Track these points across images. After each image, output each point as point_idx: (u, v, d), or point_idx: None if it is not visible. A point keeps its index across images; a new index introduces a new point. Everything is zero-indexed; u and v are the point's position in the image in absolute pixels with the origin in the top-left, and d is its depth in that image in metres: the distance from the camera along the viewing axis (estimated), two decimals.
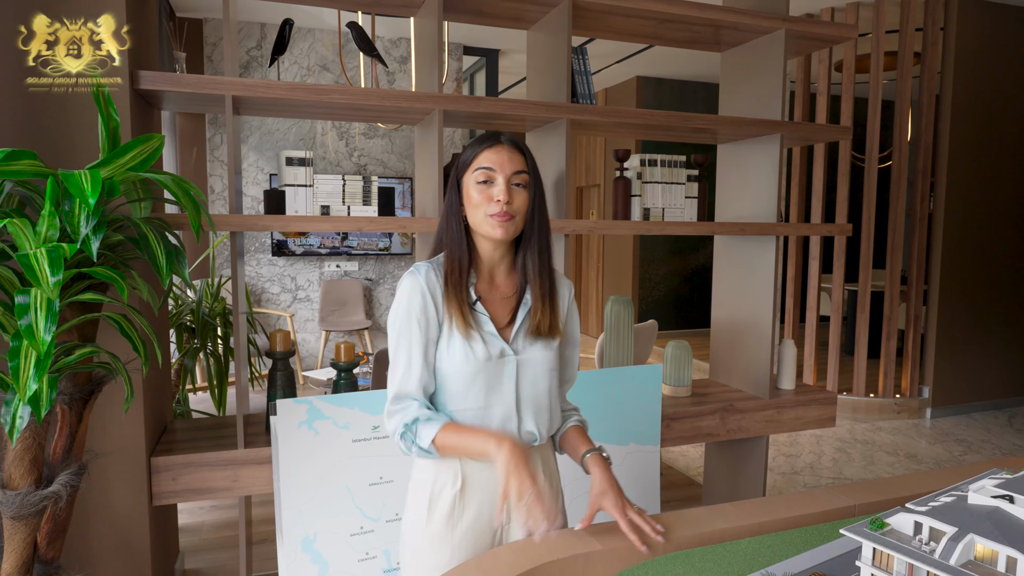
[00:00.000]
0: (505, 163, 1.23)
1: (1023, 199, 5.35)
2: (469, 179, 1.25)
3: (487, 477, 1.27)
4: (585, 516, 1.26)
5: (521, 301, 1.31)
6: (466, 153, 1.28)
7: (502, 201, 1.21)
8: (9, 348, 1.23)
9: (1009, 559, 0.66)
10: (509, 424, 1.28)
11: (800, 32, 2.51)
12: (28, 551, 1.44)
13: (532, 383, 1.29)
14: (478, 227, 1.25)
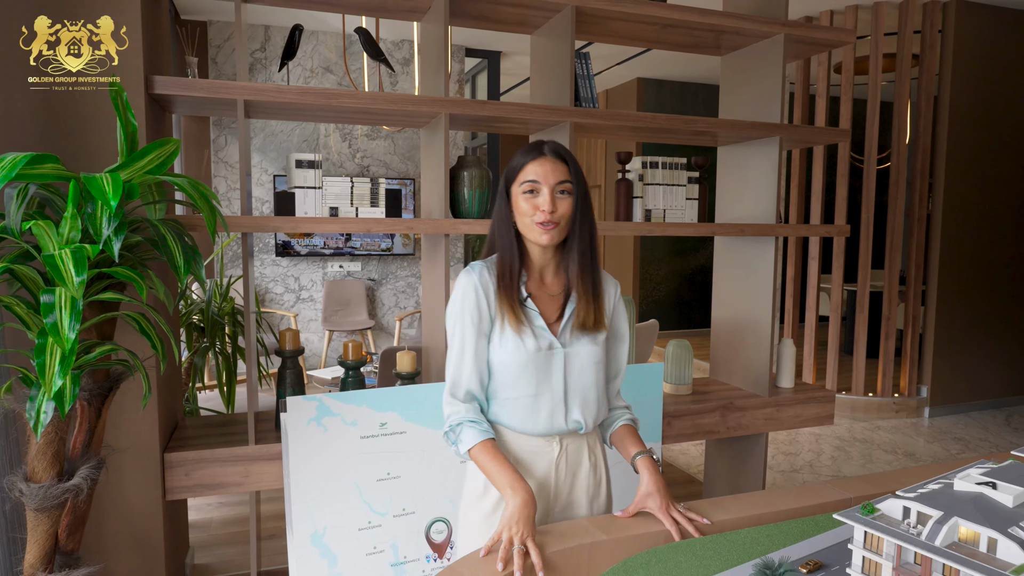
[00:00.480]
0: (548, 174, 1.32)
1: (1021, 201, 5.39)
2: (516, 190, 1.35)
3: (539, 463, 1.38)
4: (628, 509, 1.35)
5: (568, 299, 1.40)
6: (513, 164, 1.36)
7: (547, 211, 1.30)
8: (35, 345, 1.28)
9: (990, 540, 0.70)
10: (557, 412, 1.37)
11: (799, 37, 2.56)
12: (50, 542, 1.48)
13: (579, 374, 1.38)
14: (526, 233, 1.35)
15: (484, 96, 6.68)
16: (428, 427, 2.11)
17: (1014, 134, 5.29)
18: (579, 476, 1.42)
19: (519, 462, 1.38)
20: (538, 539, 1.23)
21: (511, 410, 1.37)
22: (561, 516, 1.42)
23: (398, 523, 2.12)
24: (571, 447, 1.41)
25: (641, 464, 1.38)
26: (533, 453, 1.39)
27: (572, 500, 1.43)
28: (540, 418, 1.37)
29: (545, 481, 1.39)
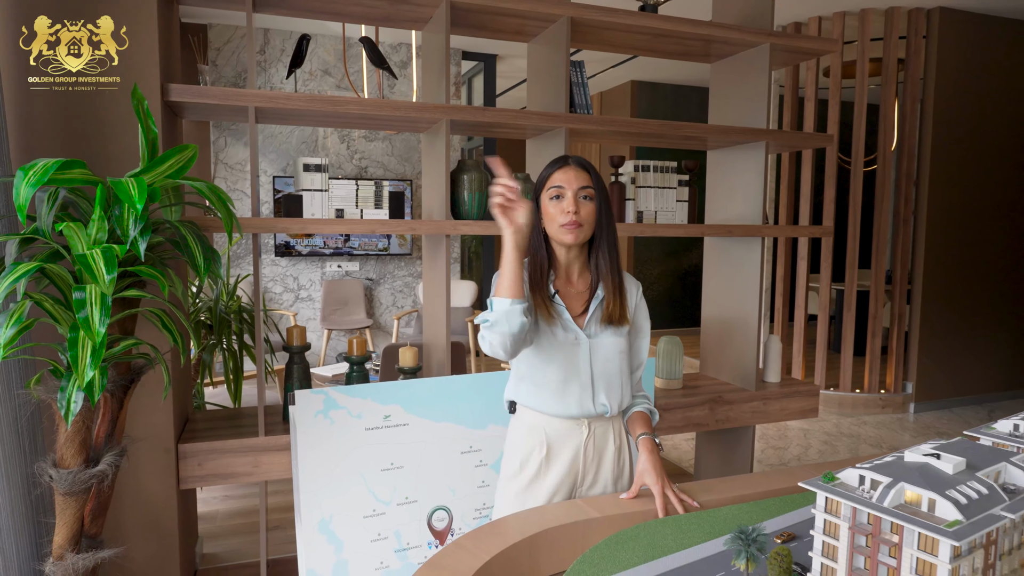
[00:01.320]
0: (572, 180, 1.48)
1: (1004, 202, 5.53)
2: (544, 196, 1.51)
3: (569, 444, 1.51)
4: (631, 489, 1.47)
5: (594, 295, 1.53)
6: (542, 175, 1.53)
7: (571, 212, 1.44)
8: (68, 339, 1.37)
9: (930, 500, 0.81)
10: (585, 397, 1.51)
11: (784, 46, 2.67)
12: (77, 525, 1.57)
13: (604, 363, 1.51)
14: (554, 236, 1.50)
15: (480, 97, 6.78)
16: (430, 419, 2.21)
17: (996, 137, 5.43)
18: (605, 458, 1.55)
19: (550, 444, 1.52)
20: (538, 518, 1.34)
21: (543, 394, 1.51)
22: (587, 494, 1.55)
23: (401, 511, 2.22)
24: (598, 430, 1.54)
25: (642, 444, 1.51)
26: (563, 435, 1.52)
27: (598, 479, 1.55)
28: (570, 402, 1.50)
29: (574, 461, 1.52)
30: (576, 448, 1.52)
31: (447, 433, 2.23)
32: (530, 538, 1.27)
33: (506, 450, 1.62)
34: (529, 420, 1.55)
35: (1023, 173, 5.56)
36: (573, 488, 1.54)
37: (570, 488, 1.54)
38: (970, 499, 0.82)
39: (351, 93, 5.91)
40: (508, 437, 1.63)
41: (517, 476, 1.54)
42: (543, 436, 1.52)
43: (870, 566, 0.84)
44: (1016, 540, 0.87)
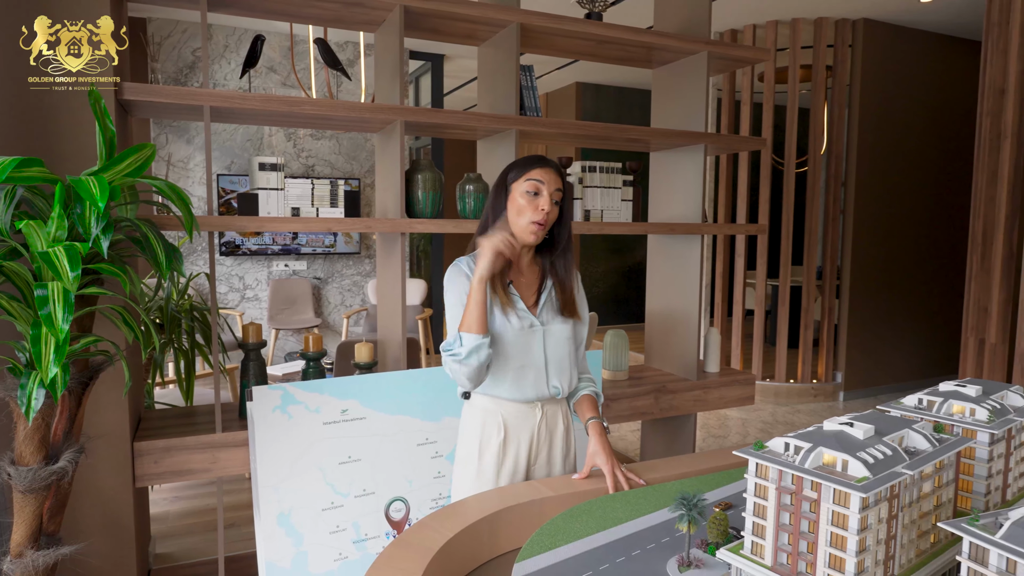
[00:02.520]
0: (551, 181, 1.56)
1: (923, 202, 5.91)
2: (519, 187, 1.56)
3: (525, 426, 1.61)
4: (583, 470, 1.58)
5: (542, 286, 1.64)
6: (518, 167, 1.60)
7: (544, 210, 1.52)
8: (30, 336, 1.38)
9: (843, 461, 0.93)
10: (540, 381, 1.60)
11: (720, 54, 2.83)
12: (36, 523, 1.58)
13: (555, 348, 1.61)
14: (520, 231, 1.57)
15: (427, 96, 6.81)
16: (386, 413, 2.27)
17: (917, 140, 5.80)
18: (556, 438, 1.66)
19: (507, 427, 1.60)
20: (497, 498, 1.43)
21: (502, 381, 1.58)
22: (540, 473, 1.65)
23: (359, 503, 2.27)
24: (549, 412, 1.65)
25: (591, 428, 1.61)
26: (519, 418, 1.61)
27: (550, 458, 1.66)
28: (526, 386, 1.59)
29: (529, 443, 1.62)
30: (531, 430, 1.62)
31: (404, 426, 2.29)
32: (490, 516, 1.36)
33: (461, 436, 1.69)
34: (485, 406, 1.63)
35: (941, 175, 5.95)
36: (528, 467, 1.63)
37: (525, 468, 1.63)
38: (876, 459, 0.95)
39: (298, 90, 5.86)
40: (463, 424, 1.69)
41: (476, 460, 1.62)
42: (500, 420, 1.61)
43: (794, 521, 0.96)
44: (916, 494, 1.01)
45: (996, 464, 1.18)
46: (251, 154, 5.81)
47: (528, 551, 1.15)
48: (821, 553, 0.93)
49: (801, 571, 0.96)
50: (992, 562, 0.77)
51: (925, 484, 1.03)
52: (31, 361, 1.51)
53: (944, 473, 1.07)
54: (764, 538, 0.99)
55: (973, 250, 3.96)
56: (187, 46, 5.54)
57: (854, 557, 0.89)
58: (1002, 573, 0.75)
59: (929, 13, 5.28)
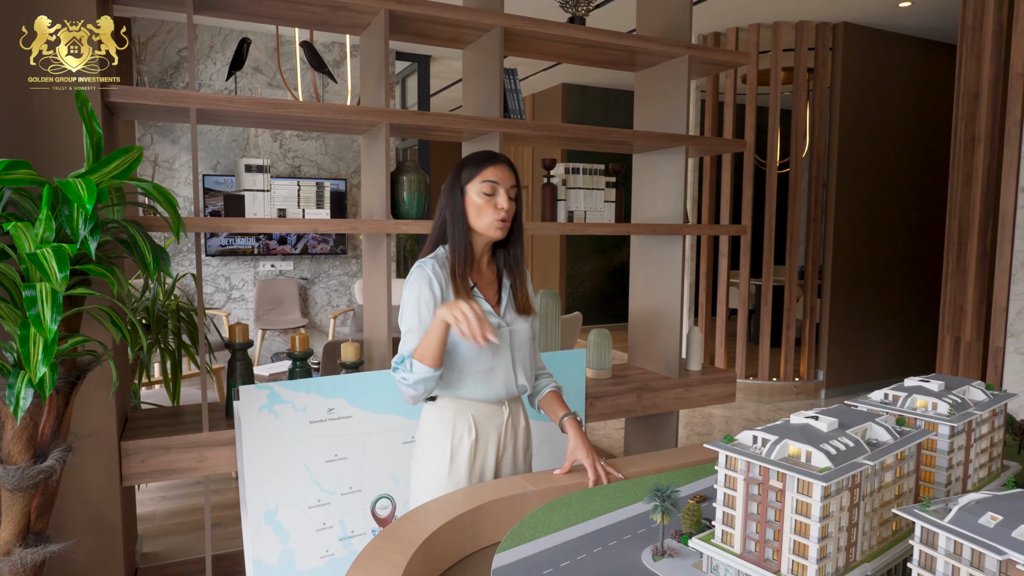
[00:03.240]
0: (506, 178, 1.56)
1: (903, 202, 6.01)
2: (475, 187, 1.55)
3: (493, 425, 1.62)
4: (564, 465, 1.60)
5: (501, 285, 1.64)
6: (473, 166, 1.57)
7: (505, 208, 1.53)
8: (19, 336, 1.40)
9: (807, 452, 0.98)
10: (509, 380, 1.62)
11: (701, 58, 2.88)
12: (24, 521, 1.59)
13: (520, 347, 1.63)
14: (483, 230, 1.56)
15: (414, 96, 6.83)
16: (372, 411, 2.30)
17: (896, 141, 5.90)
18: (519, 434, 1.69)
19: (478, 429, 1.61)
20: (479, 493, 1.46)
21: (473, 383, 1.59)
22: (506, 471, 1.67)
23: (345, 500, 2.30)
24: (514, 410, 1.68)
25: (568, 425, 1.64)
26: (488, 417, 1.62)
27: (515, 455, 1.68)
28: (497, 386, 1.61)
29: (497, 441, 1.64)
30: (499, 429, 1.63)
31: (390, 424, 2.32)
32: (472, 510, 1.40)
33: (427, 438, 1.64)
34: (454, 407, 1.61)
35: (920, 176, 6.05)
36: (496, 465, 1.64)
37: (494, 466, 1.64)
38: (839, 450, 0.99)
39: (283, 90, 5.87)
40: (429, 426, 1.65)
41: (448, 462, 1.59)
42: (470, 420, 1.60)
43: (761, 510, 1.01)
44: (877, 484, 1.05)
45: (956, 456, 1.24)
46: (237, 155, 5.81)
47: (508, 542, 1.19)
48: (786, 540, 0.97)
49: (768, 558, 1.00)
50: (941, 545, 0.81)
51: (886, 474, 1.08)
52: (19, 361, 1.53)
53: (905, 464, 1.12)
54: (733, 527, 1.04)
55: (949, 250, 4.05)
56: (172, 46, 5.53)
57: (817, 543, 0.94)
58: (950, 555, 0.80)
59: (908, 17, 5.37)
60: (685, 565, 1.11)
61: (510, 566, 1.10)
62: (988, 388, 1.40)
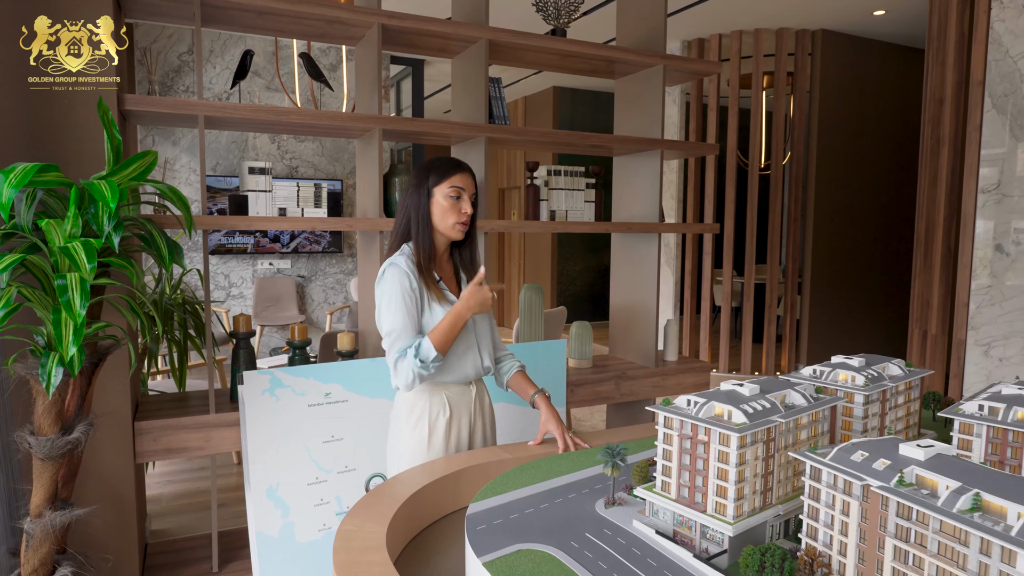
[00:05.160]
0: (469, 185, 1.76)
1: (879, 203, 6.22)
2: (441, 190, 1.73)
3: (464, 403, 1.81)
4: (537, 436, 1.81)
5: (459, 277, 1.85)
6: (440, 172, 1.74)
7: (468, 213, 1.72)
8: (52, 320, 1.59)
9: (729, 412, 1.17)
10: (476, 361, 1.81)
11: (676, 67, 3.07)
12: (53, 488, 1.77)
13: (482, 331, 1.84)
14: (445, 230, 1.75)
15: (408, 99, 7.01)
16: (366, 396, 2.48)
17: (872, 142, 6.11)
18: (486, 410, 1.88)
19: (452, 407, 1.77)
20: (461, 459, 1.65)
21: (447, 367, 1.76)
22: (476, 442, 1.85)
23: (341, 478, 2.48)
24: (479, 388, 1.87)
25: (539, 401, 1.83)
26: (460, 396, 1.80)
27: (484, 428, 1.87)
28: (468, 368, 1.80)
29: (468, 418, 1.81)
30: (469, 407, 1.81)
31: (382, 408, 2.50)
32: (454, 473, 1.58)
33: (408, 420, 1.78)
34: (430, 390, 1.77)
35: (894, 177, 6.27)
36: (469, 441, 1.82)
37: (467, 442, 1.81)
38: (756, 410, 1.18)
39: (281, 93, 6.04)
40: (405, 410, 1.79)
41: (426, 442, 1.75)
42: (444, 401, 1.77)
43: (691, 461, 1.20)
44: (792, 440, 1.24)
45: (872, 421, 1.43)
46: (236, 156, 5.99)
47: (482, 495, 1.37)
48: (711, 484, 1.16)
49: (697, 501, 1.19)
50: (823, 479, 1.00)
51: (801, 432, 1.27)
52: (49, 343, 1.71)
53: (819, 425, 1.31)
54: (670, 476, 1.23)
55: (917, 248, 4.25)
56: (173, 51, 5.70)
57: (734, 486, 1.13)
58: (830, 486, 0.99)
59: (882, 25, 5.58)
60: (631, 512, 1.30)
61: (483, 512, 1.29)
62: (908, 366, 1.59)
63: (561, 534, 1.21)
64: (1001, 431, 1.19)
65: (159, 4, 2.25)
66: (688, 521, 1.18)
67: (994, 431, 1.20)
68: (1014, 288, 3.57)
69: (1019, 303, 3.56)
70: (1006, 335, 3.59)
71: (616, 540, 1.19)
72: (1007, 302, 3.59)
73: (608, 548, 1.16)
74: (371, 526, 1.30)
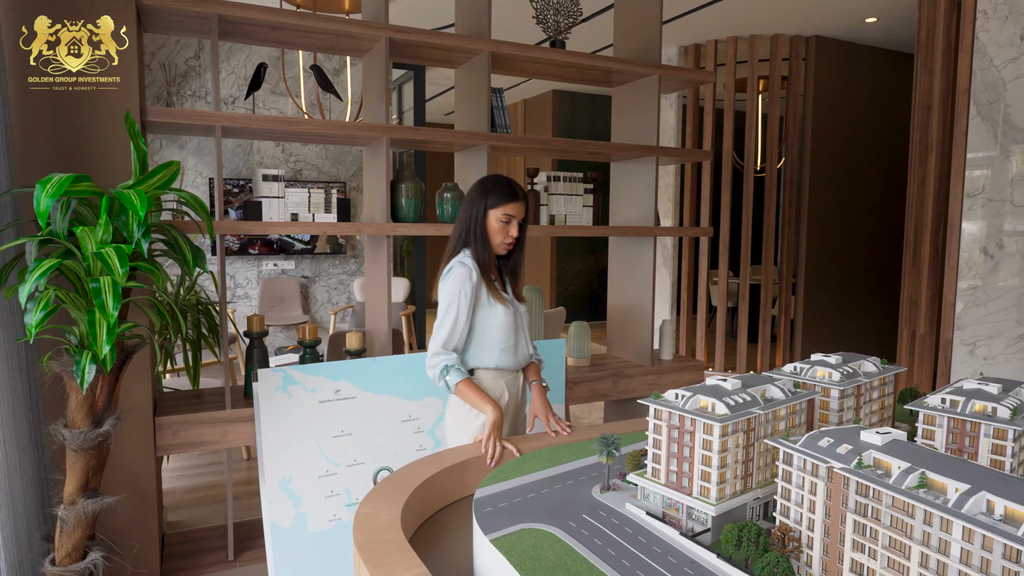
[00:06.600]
0: (519, 212, 2.00)
1: (869, 205, 6.34)
2: (496, 214, 1.98)
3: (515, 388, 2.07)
4: (529, 422, 2.07)
5: (504, 281, 2.08)
6: (498, 197, 1.98)
7: (514, 236, 1.99)
8: (87, 320, 1.70)
9: (712, 404, 1.29)
10: (523, 351, 2.08)
11: (670, 76, 3.19)
12: (84, 477, 1.89)
13: (524, 325, 2.09)
14: (494, 247, 2.02)
15: (411, 102, 7.13)
16: (374, 393, 2.60)
17: (865, 146, 6.23)
18: (524, 395, 2.12)
19: (509, 391, 2.03)
20: (468, 450, 1.77)
21: (502, 355, 2.01)
22: (519, 421, 2.10)
23: (351, 471, 2.60)
24: (521, 375, 2.11)
25: (534, 388, 2.08)
26: (512, 382, 2.06)
27: (521, 412, 2.12)
28: (520, 356, 2.07)
29: (515, 399, 2.06)
30: (516, 390, 2.07)
31: (389, 405, 2.62)
32: (461, 463, 1.71)
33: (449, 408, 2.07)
34: (491, 376, 2.02)
35: (885, 180, 6.39)
36: (513, 420, 2.07)
37: (512, 419, 2.06)
38: (737, 403, 1.30)
39: (286, 97, 6.16)
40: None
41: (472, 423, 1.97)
42: (504, 386, 2.03)
43: (679, 449, 1.32)
44: (770, 429, 1.36)
45: (846, 414, 1.55)
46: (241, 159, 6.11)
47: (488, 481, 1.49)
48: (696, 469, 1.28)
49: (684, 485, 1.31)
50: (795, 462, 1.13)
51: (780, 423, 1.39)
52: (81, 342, 1.83)
53: (796, 416, 1.43)
54: (660, 463, 1.35)
55: (906, 250, 4.37)
56: (180, 56, 5.82)
57: (716, 471, 1.25)
58: (800, 469, 1.11)
59: (874, 32, 5.71)
60: (625, 496, 1.42)
61: (489, 496, 1.41)
62: (883, 363, 1.72)
63: (560, 516, 1.33)
64: (960, 422, 1.32)
65: (179, 20, 2.37)
66: (676, 503, 1.30)
67: (954, 422, 1.32)
68: (998, 289, 3.70)
69: (1003, 304, 3.68)
70: (990, 335, 3.72)
71: (610, 520, 1.31)
72: (992, 303, 3.72)
73: (603, 527, 1.28)
74: (387, 509, 1.42)
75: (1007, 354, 3.65)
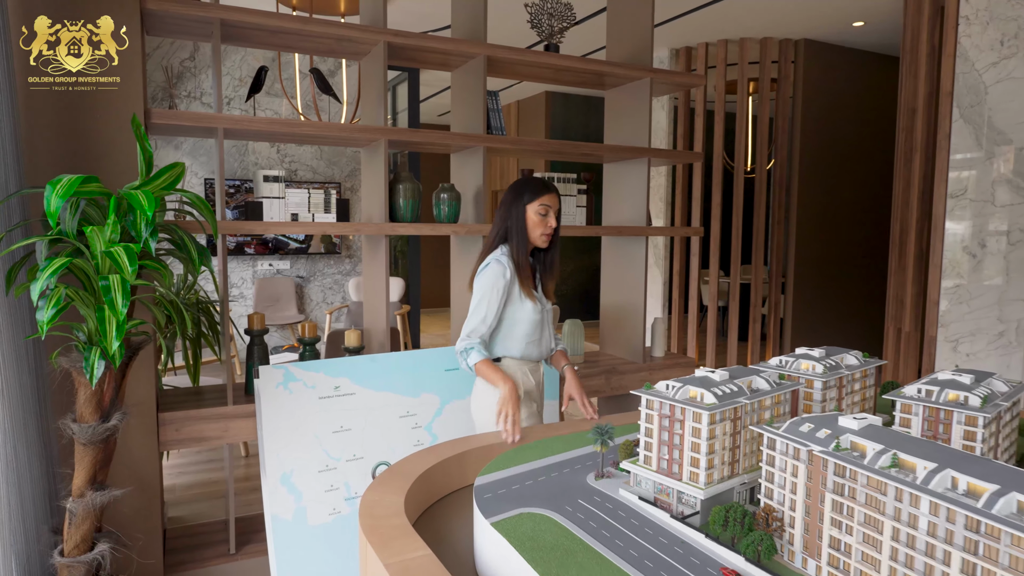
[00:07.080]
0: (555, 203, 2.15)
1: (858, 205, 6.45)
2: (533, 207, 2.11)
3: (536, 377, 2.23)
4: (563, 400, 2.22)
5: (536, 280, 2.19)
6: (533, 191, 2.12)
7: (554, 226, 2.07)
8: (96, 316, 1.76)
9: (701, 394, 1.36)
10: (546, 344, 2.24)
11: (661, 80, 3.27)
12: (92, 470, 1.95)
13: (549, 322, 2.20)
14: (534, 239, 2.15)
15: (405, 103, 7.18)
16: (373, 389, 2.66)
17: (853, 148, 6.33)
18: (544, 383, 2.25)
19: (531, 379, 2.18)
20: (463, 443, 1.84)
21: (529, 347, 2.16)
22: (535, 411, 2.21)
23: (350, 466, 2.66)
24: (543, 365, 2.25)
25: (567, 371, 2.24)
26: (534, 371, 2.22)
27: (539, 401, 2.24)
28: (544, 348, 2.24)
29: (537, 387, 2.22)
30: (538, 378, 2.24)
31: (388, 400, 2.69)
32: (460, 454, 1.77)
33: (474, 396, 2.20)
34: (516, 365, 2.15)
35: (872, 181, 6.50)
36: (538, 406, 2.21)
37: (536, 406, 2.20)
38: (724, 393, 1.37)
39: (282, 97, 6.20)
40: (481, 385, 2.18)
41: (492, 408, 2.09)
42: (527, 374, 2.18)
43: (669, 437, 1.38)
44: (756, 419, 1.44)
45: (829, 405, 1.62)
46: (237, 159, 6.14)
47: (487, 469, 1.56)
48: (686, 456, 1.35)
49: (675, 472, 1.38)
50: (777, 447, 1.20)
51: (765, 413, 1.46)
52: (90, 338, 1.88)
53: (781, 406, 1.50)
54: (651, 451, 1.42)
55: (892, 250, 4.47)
56: (176, 56, 5.85)
57: (705, 457, 1.32)
58: (783, 453, 1.18)
59: (862, 35, 5.81)
60: (618, 483, 1.49)
61: (488, 484, 1.48)
62: (864, 356, 1.79)
63: (557, 501, 1.39)
64: (934, 410, 1.39)
65: (182, 24, 2.42)
66: (666, 488, 1.37)
67: (928, 410, 1.40)
68: (981, 288, 3.79)
69: (985, 302, 3.78)
70: (973, 332, 3.81)
71: (605, 505, 1.38)
72: (974, 301, 3.81)
73: (598, 511, 1.35)
74: (390, 497, 1.48)
75: (988, 350, 3.74)
